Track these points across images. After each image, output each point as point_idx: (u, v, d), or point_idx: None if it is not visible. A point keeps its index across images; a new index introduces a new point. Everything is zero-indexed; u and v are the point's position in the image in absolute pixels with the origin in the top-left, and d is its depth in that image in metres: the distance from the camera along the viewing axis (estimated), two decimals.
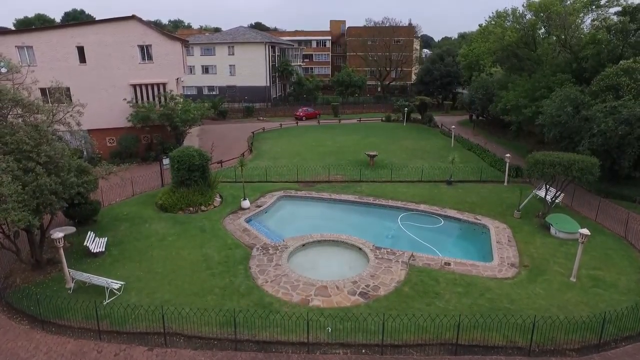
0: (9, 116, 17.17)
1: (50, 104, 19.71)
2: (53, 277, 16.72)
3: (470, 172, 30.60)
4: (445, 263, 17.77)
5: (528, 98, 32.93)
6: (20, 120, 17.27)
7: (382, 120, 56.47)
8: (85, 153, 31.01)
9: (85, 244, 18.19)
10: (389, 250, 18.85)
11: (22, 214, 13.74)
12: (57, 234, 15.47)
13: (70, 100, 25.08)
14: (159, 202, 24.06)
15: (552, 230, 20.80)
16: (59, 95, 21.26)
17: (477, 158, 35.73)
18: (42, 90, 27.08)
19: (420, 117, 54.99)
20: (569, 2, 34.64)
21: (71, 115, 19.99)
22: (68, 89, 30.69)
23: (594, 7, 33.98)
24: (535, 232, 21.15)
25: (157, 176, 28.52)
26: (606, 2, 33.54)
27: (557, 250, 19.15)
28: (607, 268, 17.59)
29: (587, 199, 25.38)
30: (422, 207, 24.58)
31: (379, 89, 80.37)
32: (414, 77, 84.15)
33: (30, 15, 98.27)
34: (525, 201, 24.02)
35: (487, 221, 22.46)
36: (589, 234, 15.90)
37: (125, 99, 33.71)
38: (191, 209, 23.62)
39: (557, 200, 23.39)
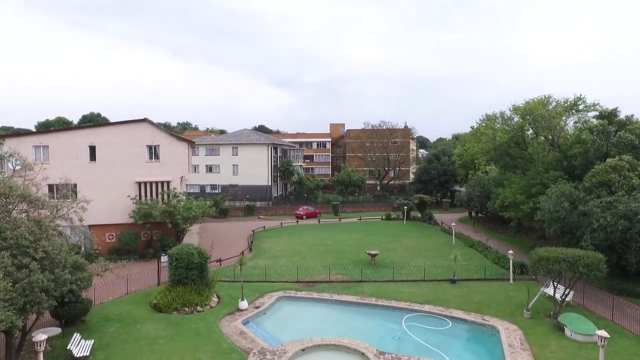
0: (14, 211, 17.36)
1: (56, 200, 20.07)
2: None
3: (474, 270, 29.92)
4: None
5: (524, 195, 33.63)
6: (24, 215, 17.43)
7: (382, 218, 56.79)
8: (83, 249, 30.62)
9: (68, 347, 17.04)
10: (393, 355, 17.59)
11: (6, 314, 13.06)
12: (40, 336, 14.57)
13: (76, 196, 25.62)
14: (153, 302, 23.13)
15: (567, 332, 19.62)
16: (65, 191, 21.76)
17: (480, 255, 35.20)
18: (50, 187, 27.82)
19: (420, 215, 55.44)
20: (551, 107, 37.29)
21: (75, 211, 20.20)
22: (75, 185, 31.54)
23: (574, 111, 36.54)
24: (549, 333, 19.94)
25: (153, 274, 27.83)
26: (584, 107, 36.17)
27: (576, 355, 17.81)
28: None
29: (599, 297, 24.37)
30: (426, 307, 23.53)
31: (379, 188, 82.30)
32: (412, 176, 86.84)
33: (52, 118, 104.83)
34: (534, 300, 23.06)
35: (495, 322, 21.30)
36: (608, 336, 14.96)
37: (129, 196, 34.40)
38: (187, 309, 22.60)
39: (567, 299, 22.48)
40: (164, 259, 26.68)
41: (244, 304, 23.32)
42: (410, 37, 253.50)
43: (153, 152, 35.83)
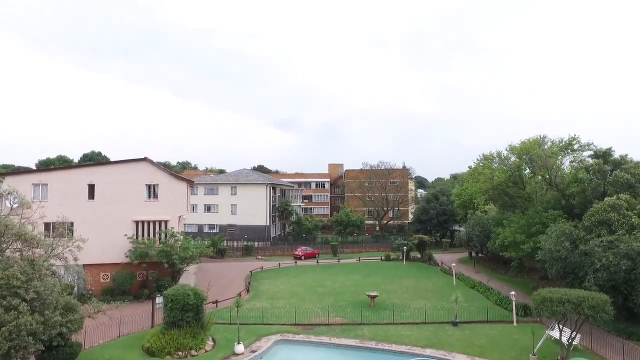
0: (7, 250, 17.12)
1: (52, 238, 19.87)
2: None
3: (476, 311, 29.18)
4: None
5: (524, 234, 33.42)
6: (17, 254, 17.18)
7: (381, 259, 56.02)
8: (76, 289, 29.97)
9: None
10: None
11: None
12: None
13: (72, 234, 25.36)
14: (146, 345, 22.30)
15: None
16: (62, 230, 21.57)
17: (481, 296, 34.45)
18: (47, 225, 27.54)
19: (419, 256, 54.78)
20: (546, 146, 37.84)
21: (70, 250, 19.94)
22: (72, 224, 31.17)
23: (569, 150, 37.06)
24: None
25: (147, 316, 27.03)
26: (579, 146, 36.74)
27: None
28: None
29: (608, 341, 23.60)
30: (428, 351, 22.72)
31: (378, 228, 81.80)
32: (410, 216, 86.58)
33: (52, 156, 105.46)
34: (540, 343, 22.31)
35: None
36: None
37: (126, 235, 34.05)
38: (180, 353, 21.76)
39: (574, 342, 21.75)
40: (159, 300, 26.05)
41: (240, 348, 22.52)
42: (407, 78, 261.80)
43: (152, 191, 35.86)
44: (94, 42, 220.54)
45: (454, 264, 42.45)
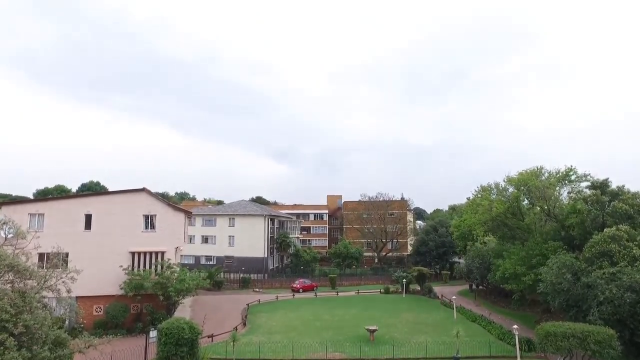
0: None
1: (45, 270, 19.50)
2: None
3: (478, 346, 28.42)
4: None
5: (525, 266, 33.05)
6: (9, 285, 16.80)
7: (380, 292, 55.12)
8: (67, 322, 29.14)
9: None
10: None
11: None
12: None
13: (67, 265, 24.95)
14: None
15: None
16: (56, 260, 21.22)
17: (483, 330, 33.64)
18: (41, 255, 27.06)
19: (419, 288, 53.93)
20: (544, 177, 38.03)
21: (63, 282, 19.54)
22: (67, 254, 30.78)
23: (566, 181, 37.23)
24: None
25: (140, 351, 26.17)
26: (576, 177, 36.95)
27: None
28: None
29: None
30: None
31: (376, 260, 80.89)
32: (409, 247, 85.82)
33: (51, 185, 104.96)
34: None
35: None
36: None
37: (121, 266, 33.50)
38: None
39: None
40: (153, 334, 25.36)
41: None
42: (403, 110, 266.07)
43: (149, 221, 35.62)
44: (91, 74, 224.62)
45: (454, 297, 41.75)
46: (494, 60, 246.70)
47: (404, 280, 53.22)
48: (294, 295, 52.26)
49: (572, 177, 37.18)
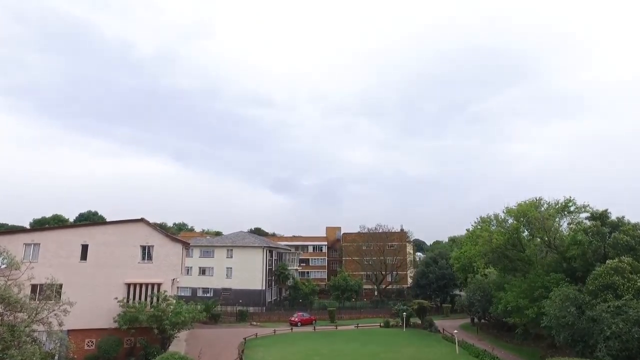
0: None
1: (37, 302, 19.05)
2: None
3: None
4: None
5: (527, 298, 32.42)
6: None
7: (380, 325, 53.80)
8: (57, 357, 28.21)
9: None
10: None
11: None
12: None
13: (60, 297, 24.37)
14: None
15: None
16: (49, 292, 20.76)
17: None
18: (34, 287, 26.56)
19: (420, 322, 52.69)
20: (543, 209, 37.94)
21: (55, 314, 19.06)
22: (61, 286, 30.10)
23: (565, 212, 37.13)
24: None
25: None
26: (575, 208, 36.88)
27: None
28: None
29: None
30: None
31: (376, 293, 79.46)
32: (409, 280, 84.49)
33: (48, 215, 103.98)
34: None
35: None
36: None
37: (116, 298, 32.78)
38: None
39: None
40: None
41: None
42: (402, 144, 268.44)
43: (147, 252, 35.20)
44: (91, 107, 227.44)
45: (456, 331, 40.67)
46: (489, 92, 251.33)
47: (404, 313, 52.08)
48: (292, 329, 51.00)
49: (572, 208, 37.13)
